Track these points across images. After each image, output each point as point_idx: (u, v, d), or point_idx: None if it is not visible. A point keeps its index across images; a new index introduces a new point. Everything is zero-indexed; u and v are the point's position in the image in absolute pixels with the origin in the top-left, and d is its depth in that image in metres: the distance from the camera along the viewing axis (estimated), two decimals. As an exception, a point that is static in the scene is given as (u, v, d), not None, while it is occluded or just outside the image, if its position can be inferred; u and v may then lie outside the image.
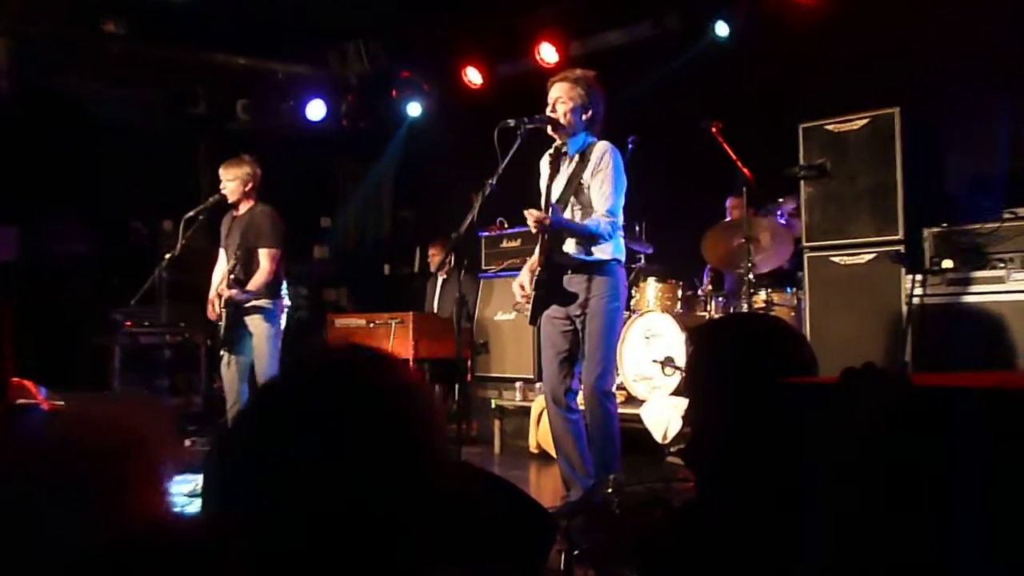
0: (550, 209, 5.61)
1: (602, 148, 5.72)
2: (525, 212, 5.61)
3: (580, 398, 5.81)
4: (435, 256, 10.66)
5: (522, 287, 5.82)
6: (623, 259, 5.83)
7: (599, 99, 5.79)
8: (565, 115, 5.70)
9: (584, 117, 5.74)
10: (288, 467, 1.30)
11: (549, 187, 5.75)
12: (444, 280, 10.42)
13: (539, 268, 5.70)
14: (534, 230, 5.64)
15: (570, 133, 5.76)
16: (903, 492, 1.39)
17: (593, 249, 5.67)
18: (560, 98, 5.72)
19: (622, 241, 5.81)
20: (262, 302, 7.49)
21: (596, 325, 5.62)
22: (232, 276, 7.41)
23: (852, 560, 1.40)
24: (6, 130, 9.96)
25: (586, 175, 5.67)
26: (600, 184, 5.64)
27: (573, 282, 5.68)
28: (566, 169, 5.79)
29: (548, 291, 5.68)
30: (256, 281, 7.44)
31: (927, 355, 6.69)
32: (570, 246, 5.70)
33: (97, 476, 1.28)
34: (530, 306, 5.75)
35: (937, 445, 1.38)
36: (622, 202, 5.75)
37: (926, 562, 1.37)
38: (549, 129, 5.76)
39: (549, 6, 10.05)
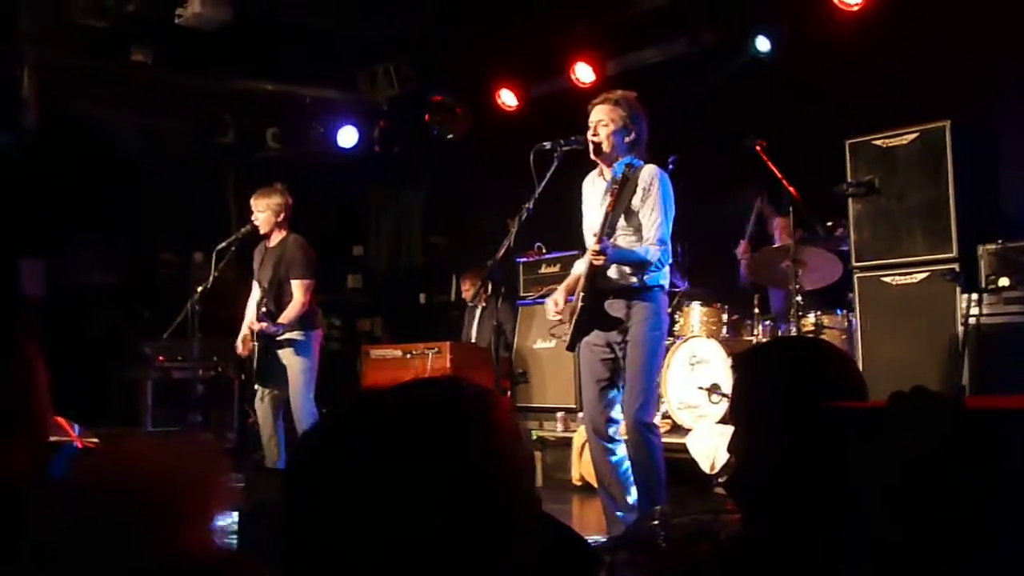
0: (603, 242, 5.45)
1: (651, 173, 5.58)
2: (590, 255, 5.45)
3: (622, 428, 5.69)
4: (468, 289, 10.52)
5: (556, 303, 5.72)
6: (667, 285, 5.73)
7: (641, 120, 5.67)
8: (608, 138, 5.58)
9: (627, 140, 5.61)
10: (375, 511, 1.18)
11: (606, 214, 5.55)
12: (482, 308, 10.26)
13: (582, 293, 5.58)
14: (596, 263, 5.45)
15: (613, 157, 5.62)
16: (955, 521, 1.33)
17: (635, 276, 5.57)
18: (601, 121, 5.59)
19: (666, 268, 5.70)
20: (295, 334, 7.39)
21: (637, 353, 5.51)
22: (264, 309, 7.30)
23: None
24: (33, 161, 9.91)
25: (635, 200, 5.54)
26: (650, 211, 5.53)
27: (615, 307, 5.57)
28: (611, 194, 5.61)
29: (589, 316, 5.57)
30: (289, 314, 7.33)
31: (985, 378, 6.56)
32: (613, 271, 5.59)
33: (145, 513, 1.27)
34: (568, 328, 5.65)
35: (993, 472, 1.33)
36: (671, 229, 5.64)
37: None
38: (592, 153, 5.64)
39: (583, 25, 9.89)
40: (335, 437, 1.26)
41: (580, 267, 5.89)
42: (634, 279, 5.57)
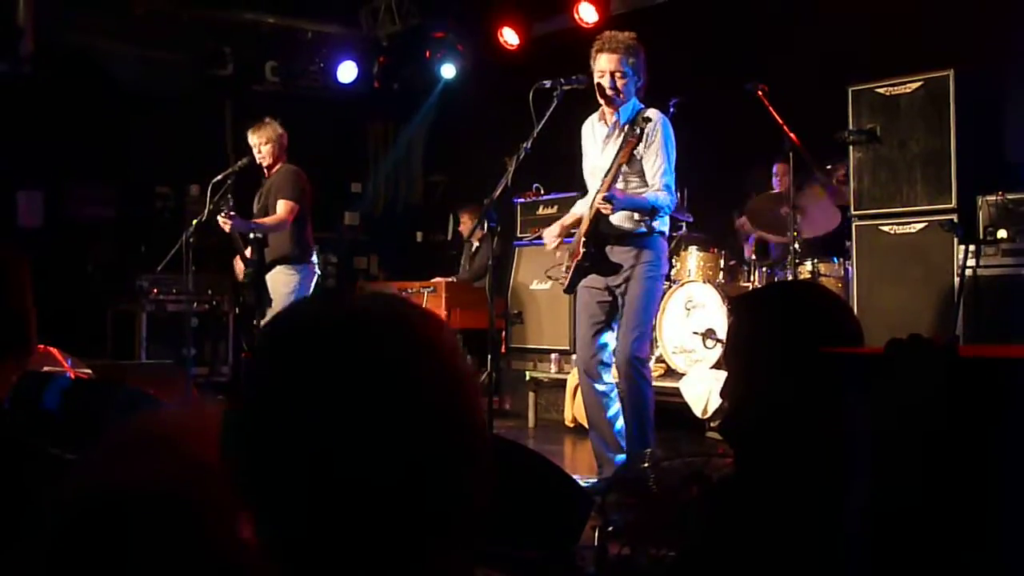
0: (612, 190, 5.48)
1: (654, 119, 5.56)
2: (597, 200, 5.47)
3: (613, 372, 5.74)
4: (467, 223, 10.49)
5: (552, 234, 5.84)
6: (667, 231, 5.79)
7: (644, 64, 5.67)
8: (623, 89, 5.58)
9: (637, 86, 5.64)
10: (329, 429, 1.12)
11: (618, 164, 5.54)
12: (476, 247, 10.24)
13: (583, 239, 5.63)
14: (605, 211, 5.48)
15: (622, 104, 5.64)
16: (948, 466, 1.34)
17: (636, 221, 5.60)
18: (617, 72, 5.56)
19: (667, 214, 5.75)
20: (286, 259, 7.33)
21: (636, 294, 5.57)
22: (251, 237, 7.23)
23: (895, 534, 1.36)
24: (30, 92, 9.84)
25: (639, 147, 5.52)
26: (654, 157, 5.55)
27: (616, 252, 5.62)
28: (616, 138, 5.65)
29: (590, 261, 5.63)
30: (265, 220, 7.30)
31: (980, 328, 6.54)
32: (616, 217, 5.59)
33: (193, 485, 1.25)
34: (566, 273, 5.74)
35: (985, 418, 1.34)
36: (673, 174, 5.67)
37: (971, 536, 1.33)
38: (601, 99, 5.65)
39: (588, -37, 9.77)
40: (272, 361, 1.19)
41: (580, 208, 5.89)
42: (635, 225, 5.60)
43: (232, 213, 7.15)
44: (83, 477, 1.32)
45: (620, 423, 5.68)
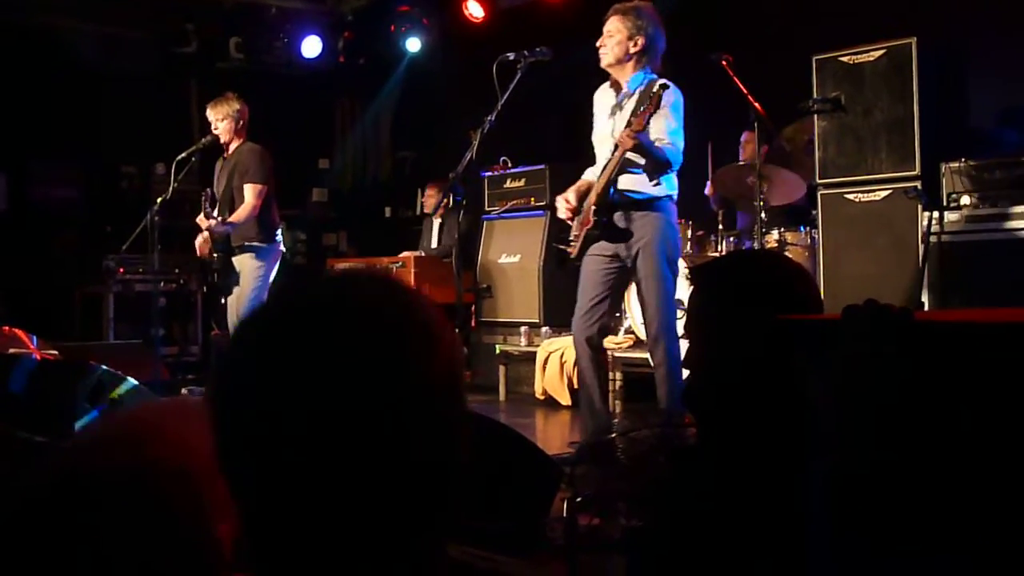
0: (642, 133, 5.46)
1: (670, 85, 5.58)
2: (623, 132, 5.44)
3: (609, 338, 5.93)
4: (431, 197, 10.46)
5: (567, 200, 5.79)
6: (675, 195, 5.75)
7: (654, 30, 5.70)
8: (612, 49, 5.63)
9: (632, 49, 5.64)
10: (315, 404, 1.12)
11: (624, 123, 5.56)
12: (440, 222, 10.23)
13: (593, 206, 5.62)
14: (628, 145, 5.42)
15: (621, 67, 5.68)
16: (903, 431, 1.36)
17: (646, 186, 5.59)
18: (608, 32, 5.65)
19: (675, 178, 5.72)
20: (252, 243, 7.28)
21: (653, 265, 5.58)
22: (217, 217, 7.17)
23: (853, 501, 1.37)
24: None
25: (640, 109, 5.50)
26: (664, 120, 5.54)
27: (627, 220, 5.62)
28: (626, 106, 5.66)
29: (600, 229, 5.63)
30: (239, 214, 7.22)
31: (946, 294, 6.61)
32: (624, 182, 5.61)
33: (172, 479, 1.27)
34: (574, 242, 5.74)
35: (939, 382, 1.35)
36: (683, 138, 5.69)
37: (925, 501, 1.35)
38: (602, 62, 5.68)
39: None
40: (254, 351, 1.18)
41: (591, 175, 5.89)
42: (645, 190, 5.60)
43: (214, 218, 7.13)
44: (58, 462, 1.32)
45: (606, 387, 5.78)
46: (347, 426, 1.11)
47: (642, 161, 5.51)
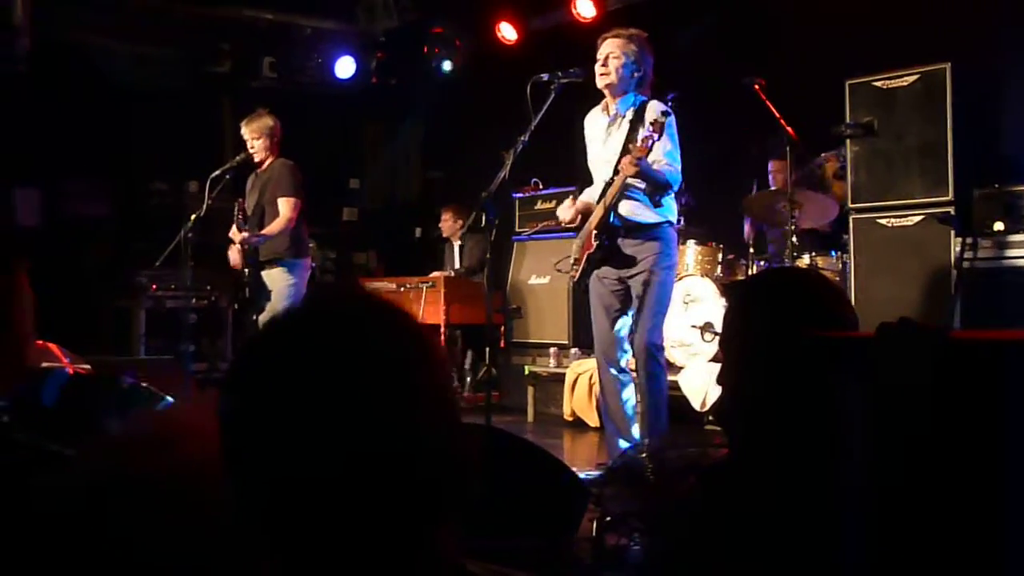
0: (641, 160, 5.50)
1: (658, 106, 5.64)
2: (625, 159, 5.47)
3: (630, 359, 5.85)
4: (447, 221, 10.50)
5: (568, 205, 5.98)
6: (675, 220, 5.85)
7: (649, 59, 5.76)
8: (617, 70, 5.66)
9: (635, 74, 5.70)
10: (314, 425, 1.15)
11: (626, 149, 5.61)
12: (460, 245, 10.27)
13: (595, 231, 5.70)
14: (630, 172, 5.47)
15: (620, 90, 5.72)
16: (941, 447, 1.35)
17: (647, 212, 5.65)
18: (612, 53, 5.68)
19: (674, 203, 5.80)
20: (282, 258, 7.31)
21: (651, 288, 5.64)
22: (248, 231, 7.22)
23: (887, 517, 1.37)
24: (27, 89, 9.81)
25: (642, 135, 5.52)
26: (662, 143, 5.53)
27: (628, 245, 5.67)
28: (619, 129, 5.74)
29: (602, 254, 5.70)
30: (273, 227, 7.26)
31: (977, 319, 6.56)
32: (624, 208, 5.66)
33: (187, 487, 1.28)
34: (575, 265, 5.83)
35: (977, 399, 1.33)
36: (680, 161, 5.72)
37: (966, 516, 1.32)
38: (600, 84, 5.71)
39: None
40: (259, 359, 1.22)
41: (589, 196, 5.93)
42: (646, 216, 5.65)
43: (247, 230, 7.19)
44: (83, 469, 1.33)
45: (631, 409, 5.80)
46: (359, 452, 1.14)
47: (642, 185, 5.56)
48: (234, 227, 7.27)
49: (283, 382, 1.16)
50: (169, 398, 3.35)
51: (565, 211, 5.98)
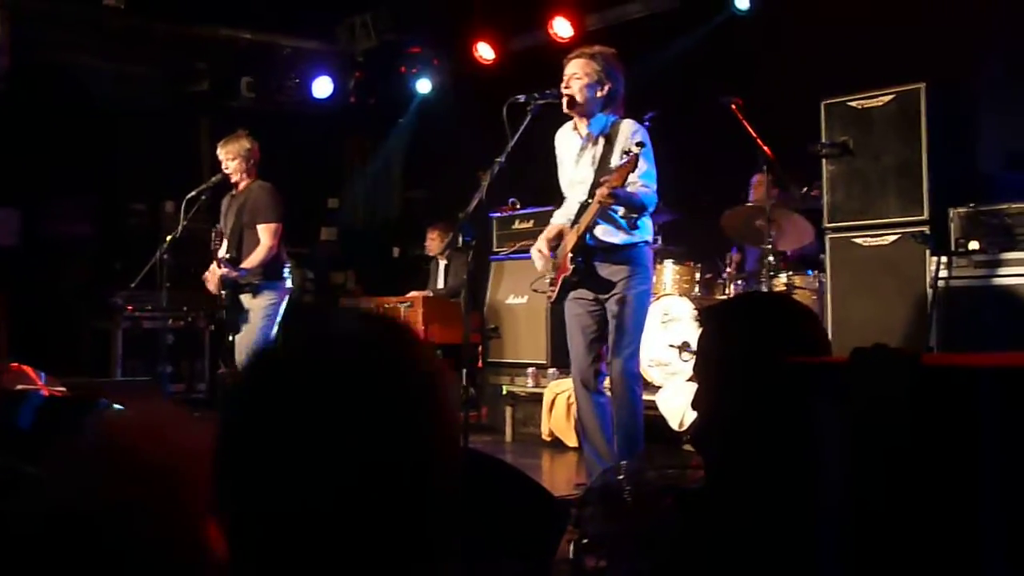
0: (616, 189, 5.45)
1: (631, 127, 5.63)
2: (600, 190, 5.41)
3: (607, 381, 5.80)
4: (433, 240, 10.52)
5: (540, 251, 5.80)
6: (651, 240, 5.81)
7: (618, 76, 5.69)
8: (580, 91, 5.59)
9: (599, 94, 5.63)
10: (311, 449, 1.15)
11: (601, 172, 5.60)
12: (446, 264, 10.28)
13: (570, 253, 5.64)
14: (607, 202, 5.43)
15: (586, 110, 5.66)
16: (913, 472, 1.36)
17: (622, 233, 5.62)
18: (575, 74, 5.61)
19: (650, 223, 5.76)
20: (261, 280, 7.27)
21: (627, 310, 5.61)
22: (228, 256, 7.18)
23: (864, 541, 1.37)
24: (5, 110, 9.76)
25: (614, 157, 5.55)
26: (639, 166, 5.47)
27: (604, 268, 5.65)
28: (591, 150, 5.72)
29: (579, 276, 5.67)
30: (255, 258, 7.23)
31: (953, 339, 6.56)
32: (600, 230, 5.64)
33: (156, 492, 1.27)
34: (552, 286, 5.77)
35: (948, 424, 1.35)
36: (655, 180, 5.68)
37: (943, 540, 1.34)
38: (564, 106, 5.64)
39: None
40: (258, 387, 1.21)
41: (559, 218, 5.91)
42: (621, 237, 5.62)
43: (228, 265, 7.15)
44: (47, 492, 1.32)
45: (609, 429, 5.75)
46: (368, 471, 1.13)
47: (621, 210, 5.52)
48: (213, 265, 7.24)
49: (283, 414, 1.15)
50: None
51: (538, 261, 5.86)
